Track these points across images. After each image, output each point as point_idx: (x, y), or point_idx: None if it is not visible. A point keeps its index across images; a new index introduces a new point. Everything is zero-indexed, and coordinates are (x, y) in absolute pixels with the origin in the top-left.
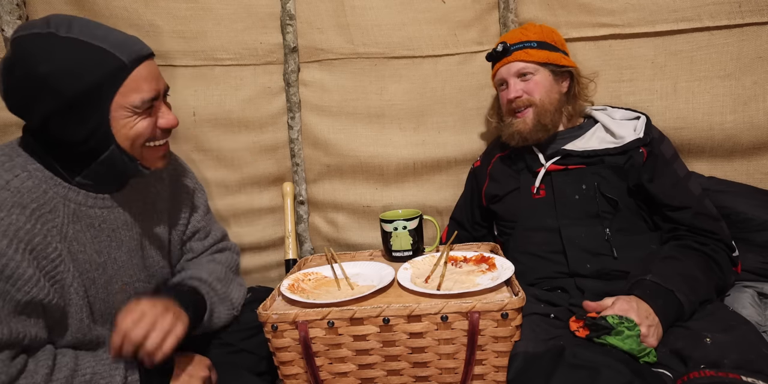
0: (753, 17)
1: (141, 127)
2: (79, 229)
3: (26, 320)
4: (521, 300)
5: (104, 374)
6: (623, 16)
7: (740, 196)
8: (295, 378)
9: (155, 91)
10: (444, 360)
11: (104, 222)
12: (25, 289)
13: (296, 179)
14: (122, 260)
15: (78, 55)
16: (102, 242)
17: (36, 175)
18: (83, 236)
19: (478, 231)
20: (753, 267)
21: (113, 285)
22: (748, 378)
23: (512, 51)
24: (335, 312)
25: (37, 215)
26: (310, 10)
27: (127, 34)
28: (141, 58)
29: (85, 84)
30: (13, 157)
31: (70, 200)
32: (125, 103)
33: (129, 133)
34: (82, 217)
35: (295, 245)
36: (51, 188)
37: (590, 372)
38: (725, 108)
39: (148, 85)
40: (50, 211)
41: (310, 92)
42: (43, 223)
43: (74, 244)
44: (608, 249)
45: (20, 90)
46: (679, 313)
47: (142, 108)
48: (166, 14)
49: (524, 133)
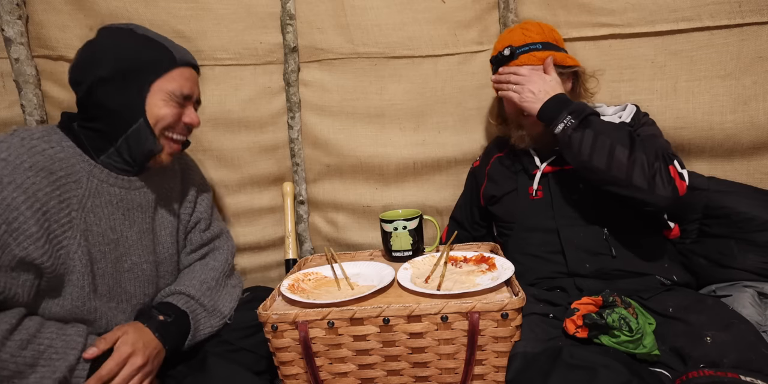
0: (753, 17)
1: (167, 111)
2: (98, 203)
3: (14, 277)
4: (521, 300)
5: (59, 350)
6: (623, 15)
7: (740, 196)
8: (295, 378)
9: (190, 91)
10: (444, 360)
11: (121, 201)
12: (24, 244)
13: (296, 179)
14: (133, 239)
15: (143, 43)
16: (117, 220)
17: (68, 150)
18: (101, 211)
19: (478, 231)
20: (753, 267)
21: (123, 263)
22: (747, 377)
23: (518, 55)
24: (335, 312)
25: (62, 183)
26: (310, 10)
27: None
28: (188, 63)
29: (140, 61)
30: (51, 134)
31: (94, 176)
32: (164, 87)
33: (158, 113)
34: (103, 193)
35: (295, 245)
36: (79, 163)
37: (588, 372)
38: (725, 108)
39: (187, 83)
40: (75, 181)
41: (310, 92)
42: (65, 191)
43: (91, 216)
44: (607, 248)
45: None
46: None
47: (176, 98)
48: (166, 14)
49: (534, 135)
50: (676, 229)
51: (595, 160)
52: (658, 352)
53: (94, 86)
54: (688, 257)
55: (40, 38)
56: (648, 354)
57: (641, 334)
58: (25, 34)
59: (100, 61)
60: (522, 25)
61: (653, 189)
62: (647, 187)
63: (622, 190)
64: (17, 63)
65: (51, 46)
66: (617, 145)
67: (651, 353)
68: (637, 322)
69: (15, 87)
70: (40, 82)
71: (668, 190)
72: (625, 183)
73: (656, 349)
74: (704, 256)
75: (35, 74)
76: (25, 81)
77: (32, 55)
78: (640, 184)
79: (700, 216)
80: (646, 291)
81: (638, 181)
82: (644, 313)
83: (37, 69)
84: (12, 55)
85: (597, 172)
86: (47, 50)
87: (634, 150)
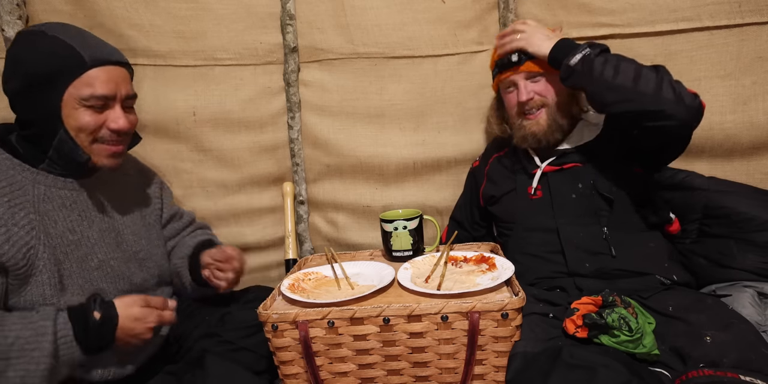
0: (753, 17)
1: (84, 120)
2: (50, 208)
3: None
4: (521, 300)
5: (30, 339)
6: (623, 15)
7: (740, 196)
8: (295, 378)
9: (108, 91)
10: (444, 360)
11: (74, 202)
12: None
13: (296, 179)
14: (95, 238)
15: (50, 48)
16: (74, 221)
17: (4, 162)
18: (55, 214)
19: (478, 231)
20: (753, 267)
21: (89, 261)
22: (747, 377)
23: (525, 60)
24: (335, 312)
25: (6, 191)
26: (310, 10)
27: (105, 43)
28: (103, 61)
29: (47, 70)
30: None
31: (39, 183)
32: (76, 94)
33: (74, 124)
34: (53, 197)
35: (295, 245)
36: (19, 173)
37: (588, 371)
38: (725, 108)
39: (102, 85)
40: (20, 189)
41: (310, 92)
42: (13, 197)
43: (46, 219)
44: (606, 248)
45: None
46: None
47: (90, 103)
48: (166, 14)
49: (539, 134)
50: (676, 224)
51: (621, 78)
52: (658, 352)
53: (12, 99)
54: (688, 257)
55: None
56: (648, 354)
57: (641, 333)
58: None
59: (12, 73)
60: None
61: (681, 100)
62: (674, 98)
63: (647, 106)
64: None
65: None
66: (641, 66)
67: (651, 353)
68: (637, 321)
69: None
70: None
71: (696, 102)
72: (652, 97)
73: (656, 349)
74: (704, 256)
75: None
76: None
77: None
78: (668, 95)
79: (700, 216)
80: (646, 291)
81: (667, 93)
82: (644, 312)
83: None
84: None
85: (621, 89)
86: None
87: (658, 69)
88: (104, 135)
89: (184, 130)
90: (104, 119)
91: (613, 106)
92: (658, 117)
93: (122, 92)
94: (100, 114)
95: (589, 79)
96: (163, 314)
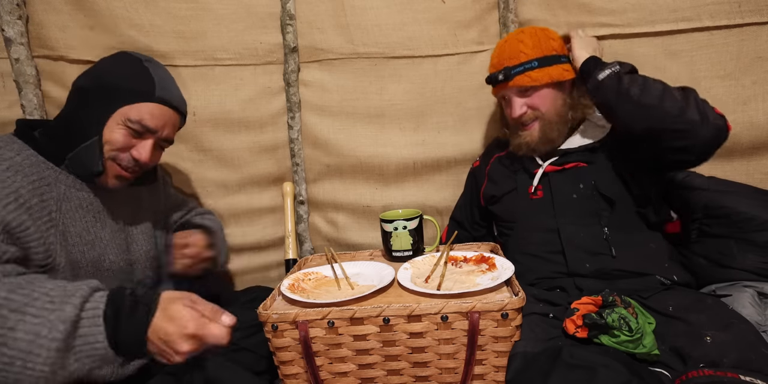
0: (753, 17)
1: (117, 137)
2: (69, 207)
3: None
4: (521, 300)
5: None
6: (623, 16)
7: (740, 196)
8: (295, 378)
9: (154, 125)
10: (444, 360)
11: (91, 204)
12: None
13: (296, 179)
14: (107, 239)
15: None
16: (89, 221)
17: (32, 158)
18: (74, 214)
19: (478, 231)
20: (753, 267)
21: (102, 262)
22: (747, 377)
23: (513, 76)
24: (335, 312)
25: (37, 185)
26: (310, 10)
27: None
28: (166, 102)
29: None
30: (11, 143)
31: (60, 181)
32: (127, 114)
33: (109, 135)
34: (72, 198)
35: (295, 245)
36: (45, 170)
37: (588, 371)
38: (724, 108)
39: (153, 118)
40: (48, 185)
41: (310, 92)
42: (42, 192)
43: (67, 217)
44: (607, 248)
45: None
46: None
47: (132, 126)
48: (166, 14)
49: (531, 144)
50: (677, 224)
51: (646, 96)
52: (658, 352)
53: (74, 93)
54: (688, 257)
55: (40, 38)
56: (648, 354)
57: (641, 333)
58: (25, 35)
59: (94, 73)
60: (517, 35)
61: (707, 119)
62: (700, 119)
63: (671, 125)
64: (17, 63)
65: (51, 47)
66: (668, 86)
67: (651, 353)
68: (637, 321)
69: (15, 87)
70: (41, 83)
71: (721, 123)
72: (676, 117)
73: (656, 349)
74: (704, 256)
75: (35, 74)
76: (25, 81)
77: (32, 55)
78: (693, 116)
79: (700, 216)
80: (646, 291)
81: (692, 114)
82: (644, 312)
83: (37, 69)
84: (12, 55)
85: (647, 107)
86: (47, 50)
87: (685, 90)
88: (124, 158)
89: (184, 130)
90: (133, 145)
91: (637, 124)
92: (682, 137)
93: (164, 132)
94: (133, 139)
95: (616, 94)
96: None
